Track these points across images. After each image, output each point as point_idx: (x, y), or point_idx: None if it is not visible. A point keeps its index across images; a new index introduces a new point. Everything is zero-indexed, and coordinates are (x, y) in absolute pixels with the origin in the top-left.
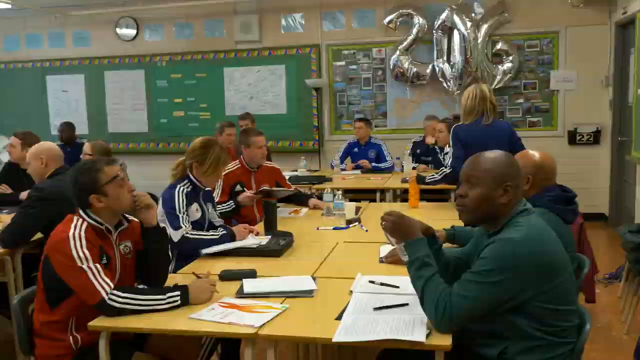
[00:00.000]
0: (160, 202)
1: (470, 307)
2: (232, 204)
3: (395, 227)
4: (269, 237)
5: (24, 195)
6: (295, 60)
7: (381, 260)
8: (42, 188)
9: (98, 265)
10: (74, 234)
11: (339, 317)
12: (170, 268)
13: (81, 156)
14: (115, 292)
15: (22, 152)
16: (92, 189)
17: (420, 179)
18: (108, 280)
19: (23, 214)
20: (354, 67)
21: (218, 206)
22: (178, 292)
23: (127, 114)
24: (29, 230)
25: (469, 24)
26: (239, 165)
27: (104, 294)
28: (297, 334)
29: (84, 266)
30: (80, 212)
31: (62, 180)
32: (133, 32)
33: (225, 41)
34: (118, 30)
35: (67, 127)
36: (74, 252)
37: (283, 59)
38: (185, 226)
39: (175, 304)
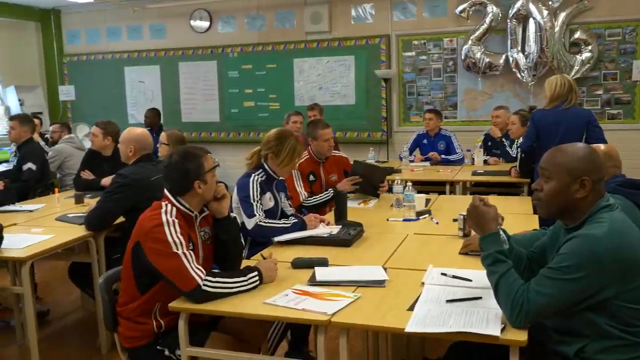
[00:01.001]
0: (235, 189)
1: (547, 304)
2: (332, 192)
3: (470, 214)
4: (339, 227)
5: (104, 181)
6: (364, 50)
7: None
8: (126, 175)
9: (191, 252)
10: (167, 220)
11: (411, 308)
12: (243, 254)
13: (157, 145)
14: (208, 277)
15: (104, 141)
16: (196, 175)
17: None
18: (200, 267)
19: (107, 198)
20: (424, 57)
21: (313, 198)
22: (256, 272)
23: (199, 104)
24: (112, 214)
25: (545, 12)
26: (308, 156)
27: (199, 280)
28: (370, 323)
29: (179, 252)
30: (171, 197)
31: (144, 167)
32: (206, 24)
33: (296, 32)
34: (192, 22)
35: (152, 113)
36: (169, 237)
37: (352, 49)
38: (259, 214)
39: (256, 283)
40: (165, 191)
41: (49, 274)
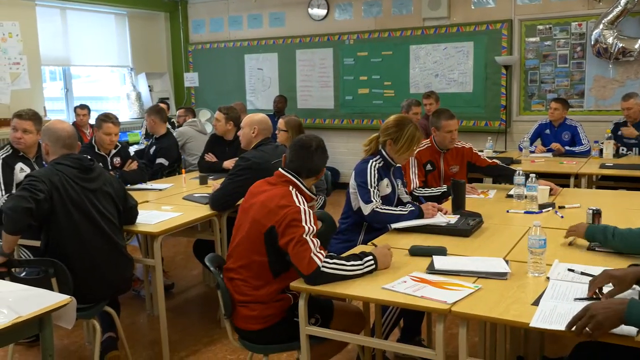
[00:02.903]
0: (352, 175)
1: None
2: (443, 189)
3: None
4: (457, 216)
5: (226, 163)
6: (484, 36)
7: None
8: (248, 158)
9: (317, 238)
10: (304, 208)
11: (536, 303)
12: (359, 239)
13: (275, 132)
14: (326, 259)
15: (226, 126)
16: (325, 163)
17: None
18: (321, 251)
19: (230, 180)
20: (549, 43)
21: (424, 189)
22: (371, 257)
23: (314, 91)
24: (234, 195)
25: None
26: (430, 145)
27: (319, 262)
28: (491, 315)
29: (308, 238)
30: (297, 181)
31: (265, 151)
32: (324, 11)
33: (413, 18)
34: (310, 10)
35: (280, 99)
36: (305, 225)
37: (472, 35)
38: (376, 200)
39: (372, 267)
40: (289, 174)
41: (173, 249)
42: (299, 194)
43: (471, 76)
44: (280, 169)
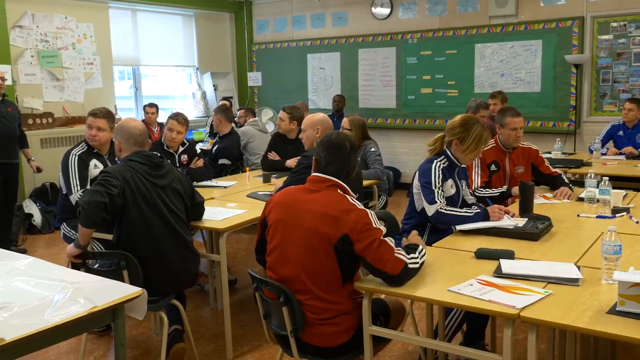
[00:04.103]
0: (416, 175)
1: None
2: (502, 190)
3: None
4: (525, 219)
5: (289, 162)
6: (554, 34)
7: None
8: (310, 156)
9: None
10: (365, 210)
11: (612, 311)
12: (423, 240)
13: (340, 130)
14: (406, 255)
15: (290, 125)
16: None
17: None
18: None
19: (293, 178)
20: (623, 40)
21: (485, 190)
22: (421, 246)
23: (376, 90)
24: None
25: None
26: (494, 144)
27: (406, 259)
28: (563, 322)
29: (385, 239)
30: (342, 183)
31: None
32: (387, 10)
33: (479, 16)
34: (373, 9)
35: (340, 99)
36: (377, 226)
37: (540, 33)
38: (440, 201)
39: (425, 257)
40: (333, 178)
41: (235, 246)
42: (351, 198)
43: (539, 75)
44: (316, 173)
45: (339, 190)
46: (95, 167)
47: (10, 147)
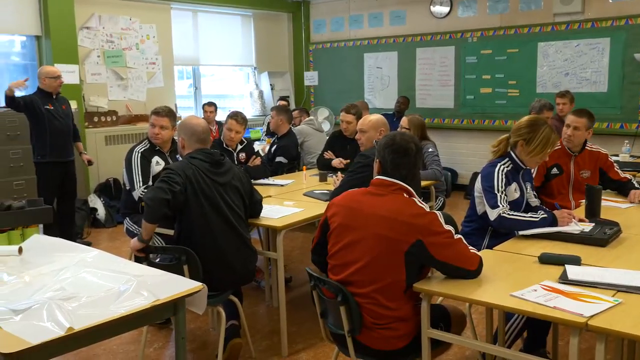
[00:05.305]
0: (478, 178)
1: None
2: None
3: None
4: (592, 224)
5: (335, 162)
6: (623, 32)
7: None
8: (368, 155)
9: None
10: (433, 211)
11: None
12: (484, 244)
13: (398, 129)
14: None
15: (357, 126)
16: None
17: None
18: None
19: (351, 177)
20: None
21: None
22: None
23: (434, 90)
24: None
25: None
26: (559, 147)
27: (479, 253)
28: (634, 332)
29: (457, 236)
30: (406, 185)
31: None
32: (446, 9)
33: (542, 14)
34: (432, 8)
35: (404, 100)
36: (445, 226)
37: (608, 31)
38: (503, 206)
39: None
40: (401, 181)
41: (291, 244)
42: (417, 200)
43: (606, 75)
44: (381, 176)
45: (405, 194)
46: (157, 164)
47: (67, 144)
